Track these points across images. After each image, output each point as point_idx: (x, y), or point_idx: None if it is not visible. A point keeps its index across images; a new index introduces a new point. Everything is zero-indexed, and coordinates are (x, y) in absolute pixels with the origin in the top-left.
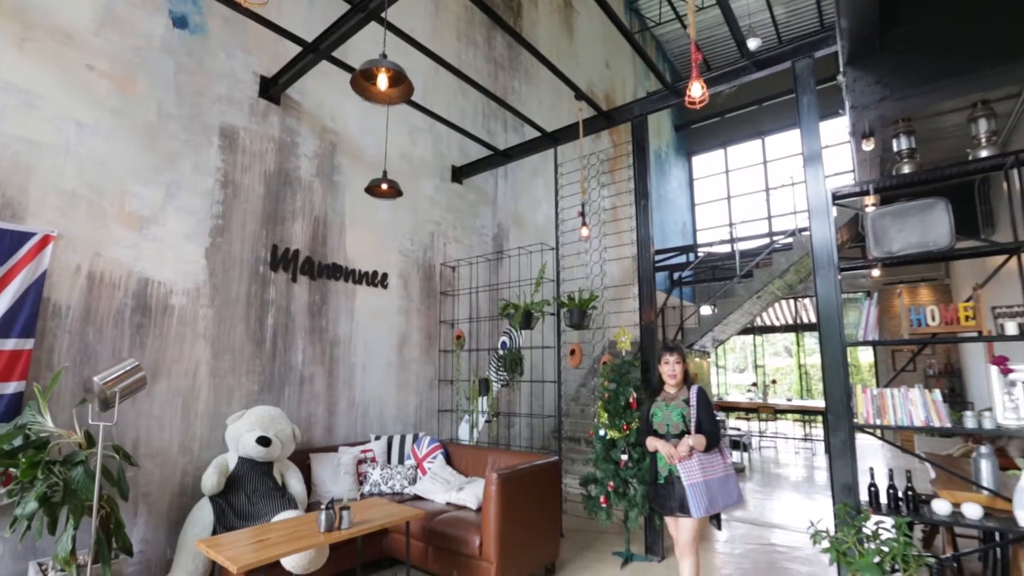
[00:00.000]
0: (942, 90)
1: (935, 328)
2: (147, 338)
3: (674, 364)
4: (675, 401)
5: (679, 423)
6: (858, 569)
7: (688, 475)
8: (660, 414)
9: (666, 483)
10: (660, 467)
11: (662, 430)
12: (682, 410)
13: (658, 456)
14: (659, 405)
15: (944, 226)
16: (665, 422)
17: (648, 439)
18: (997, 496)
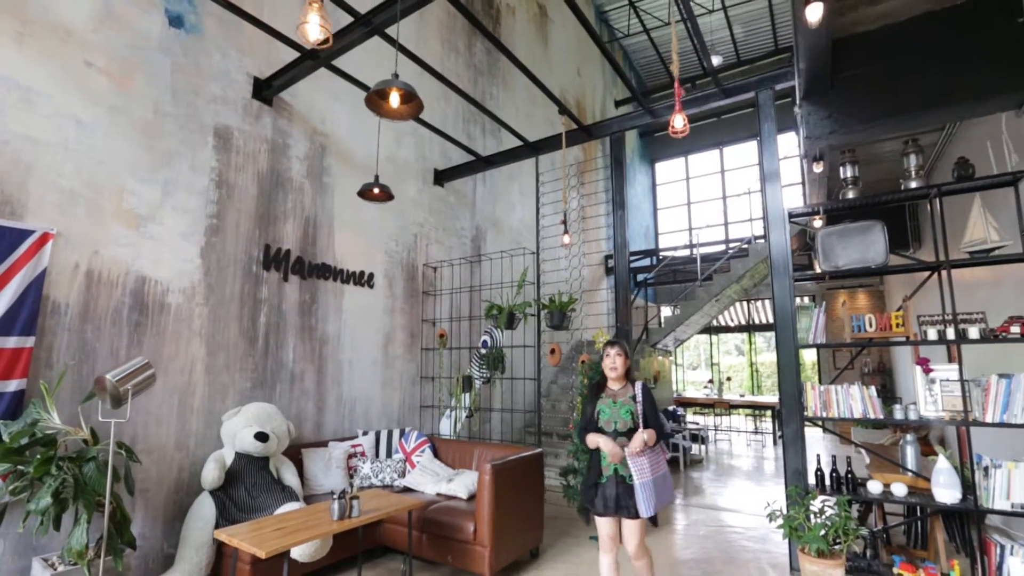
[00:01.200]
0: (879, 128)
1: (872, 333)
2: (144, 336)
3: (615, 357)
4: (622, 398)
5: (628, 420)
6: (807, 541)
7: (639, 473)
8: (608, 411)
9: (608, 483)
10: (603, 466)
11: (609, 428)
12: (630, 407)
13: (602, 456)
14: (605, 403)
15: (880, 245)
16: (613, 420)
17: (590, 436)
18: (919, 477)
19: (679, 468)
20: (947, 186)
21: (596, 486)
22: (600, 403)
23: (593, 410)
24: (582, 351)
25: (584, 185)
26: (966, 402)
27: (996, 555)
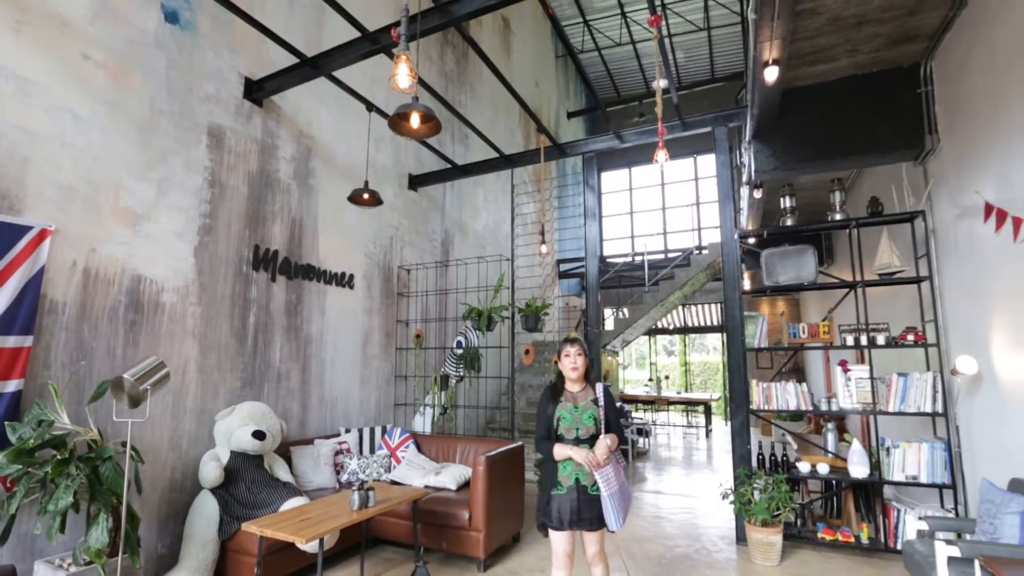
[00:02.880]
0: (812, 168)
1: (804, 339)
2: (140, 335)
3: (575, 356)
4: (583, 402)
5: (591, 426)
6: (754, 514)
7: (606, 484)
8: (569, 417)
9: (568, 493)
10: (563, 476)
11: (570, 435)
12: (593, 412)
13: (562, 465)
14: (565, 407)
15: (811, 266)
16: (575, 426)
17: (556, 447)
18: (838, 458)
19: (629, 459)
20: (863, 220)
21: (554, 498)
22: (560, 408)
23: (552, 416)
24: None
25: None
26: (875, 395)
27: (894, 517)
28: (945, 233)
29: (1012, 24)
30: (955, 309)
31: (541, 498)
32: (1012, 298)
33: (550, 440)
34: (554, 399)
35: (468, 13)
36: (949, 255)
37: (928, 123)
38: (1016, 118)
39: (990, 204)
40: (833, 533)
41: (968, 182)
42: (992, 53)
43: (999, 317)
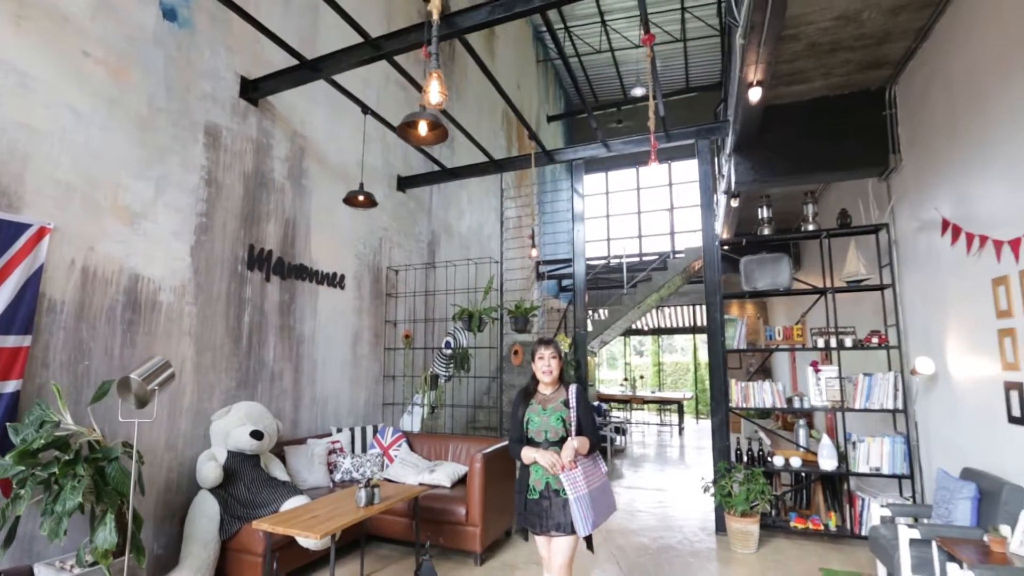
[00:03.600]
0: (787, 181)
1: (780, 341)
2: (137, 335)
3: (549, 359)
4: (552, 404)
5: (559, 428)
6: (734, 505)
7: (573, 487)
8: (537, 420)
9: (541, 497)
10: (535, 479)
11: (539, 438)
12: (561, 413)
13: (534, 468)
14: (534, 410)
15: (786, 273)
16: (543, 429)
17: (524, 450)
18: (808, 452)
19: (607, 457)
20: (833, 231)
21: (530, 502)
22: (529, 411)
23: (522, 419)
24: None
25: (520, 196)
26: (843, 393)
27: (859, 505)
28: (906, 244)
29: (968, 58)
30: (914, 314)
31: (518, 502)
32: (964, 305)
33: (521, 443)
34: (525, 401)
35: (472, 26)
36: (909, 265)
37: (892, 143)
38: (970, 143)
39: (947, 220)
40: (804, 522)
41: (927, 198)
42: (950, 83)
43: (953, 322)
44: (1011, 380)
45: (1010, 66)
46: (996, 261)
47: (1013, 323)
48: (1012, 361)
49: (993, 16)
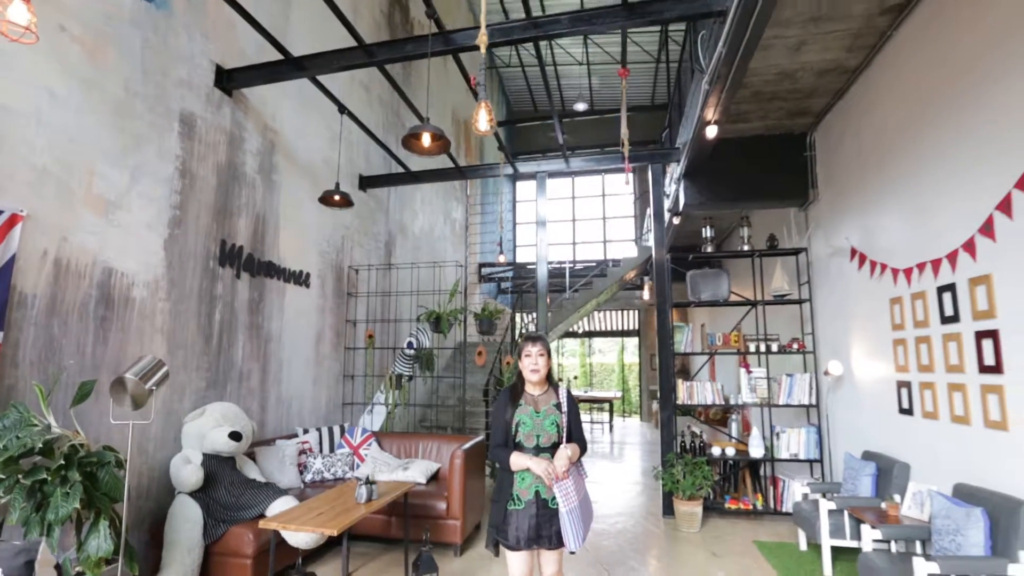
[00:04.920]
0: (727, 206)
1: (720, 346)
2: (110, 332)
3: (536, 356)
4: (546, 406)
5: (552, 433)
6: (683, 489)
7: (565, 499)
8: (529, 423)
9: (527, 508)
10: (522, 488)
11: (529, 443)
12: (555, 417)
13: (520, 476)
14: (525, 412)
15: (725, 286)
16: (535, 433)
17: (514, 456)
18: (740, 442)
19: None
20: (764, 252)
21: (509, 513)
22: (519, 412)
23: (511, 422)
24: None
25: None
26: (770, 391)
27: (781, 486)
28: (820, 266)
29: (875, 118)
30: (826, 325)
31: (495, 513)
32: (867, 319)
33: (507, 448)
34: (513, 402)
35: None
36: (823, 283)
37: (811, 179)
38: (874, 187)
39: (855, 248)
40: (736, 503)
41: (839, 229)
42: (860, 136)
43: (857, 332)
44: (901, 379)
45: (907, 131)
46: (893, 285)
47: (904, 334)
48: (903, 364)
49: (896, 88)
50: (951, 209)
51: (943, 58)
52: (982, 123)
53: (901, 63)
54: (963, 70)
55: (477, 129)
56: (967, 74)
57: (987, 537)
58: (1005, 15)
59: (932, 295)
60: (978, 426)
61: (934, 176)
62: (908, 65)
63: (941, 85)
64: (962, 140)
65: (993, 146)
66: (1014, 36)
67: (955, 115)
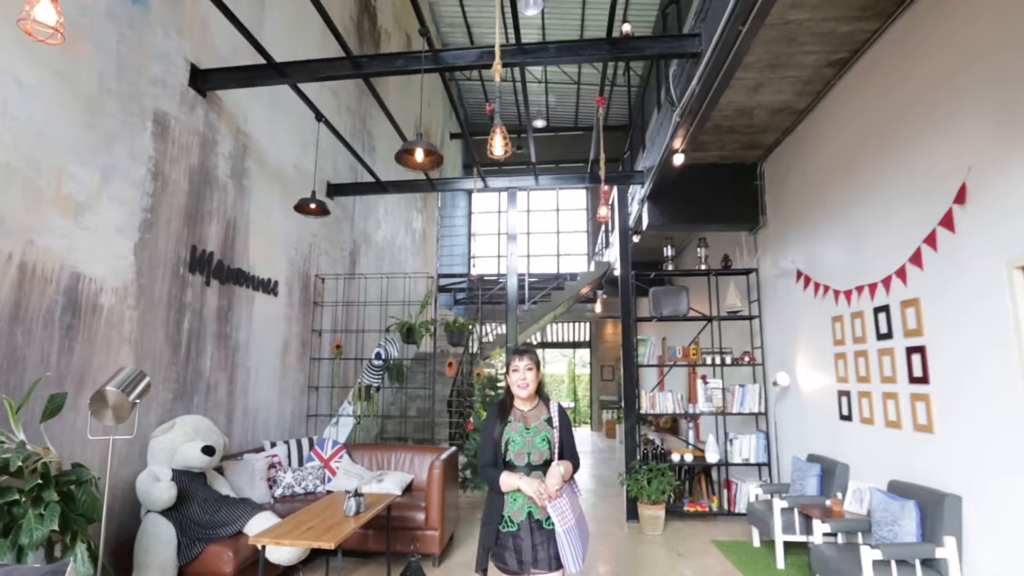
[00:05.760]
0: (686, 228)
1: (680, 358)
2: (76, 341)
3: (524, 371)
4: (537, 422)
5: (544, 450)
6: (648, 495)
7: (561, 518)
8: (519, 440)
9: (521, 530)
10: (514, 510)
11: (520, 461)
12: (547, 433)
13: (511, 497)
14: (515, 428)
15: (685, 303)
16: (526, 450)
17: (504, 476)
18: (697, 449)
19: None
20: (719, 271)
21: (503, 536)
22: (508, 429)
23: (500, 439)
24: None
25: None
26: (724, 401)
27: (735, 489)
28: (768, 285)
29: (818, 154)
30: (773, 339)
31: (487, 536)
32: (810, 334)
33: (497, 467)
34: (502, 419)
35: (462, 66)
36: (771, 301)
37: (760, 206)
38: (816, 217)
39: (800, 271)
40: (694, 506)
41: (785, 252)
42: (805, 170)
43: (802, 346)
44: (842, 389)
45: (847, 169)
46: (835, 304)
47: (844, 349)
48: (843, 375)
49: (837, 130)
50: (885, 240)
51: (878, 107)
52: (911, 167)
53: (842, 108)
54: (894, 120)
55: (492, 153)
56: (898, 124)
57: (918, 526)
58: (921, 80)
59: (869, 315)
60: (908, 430)
61: (870, 210)
62: (848, 111)
63: (876, 131)
64: (894, 181)
65: (920, 188)
66: (929, 99)
67: (888, 158)
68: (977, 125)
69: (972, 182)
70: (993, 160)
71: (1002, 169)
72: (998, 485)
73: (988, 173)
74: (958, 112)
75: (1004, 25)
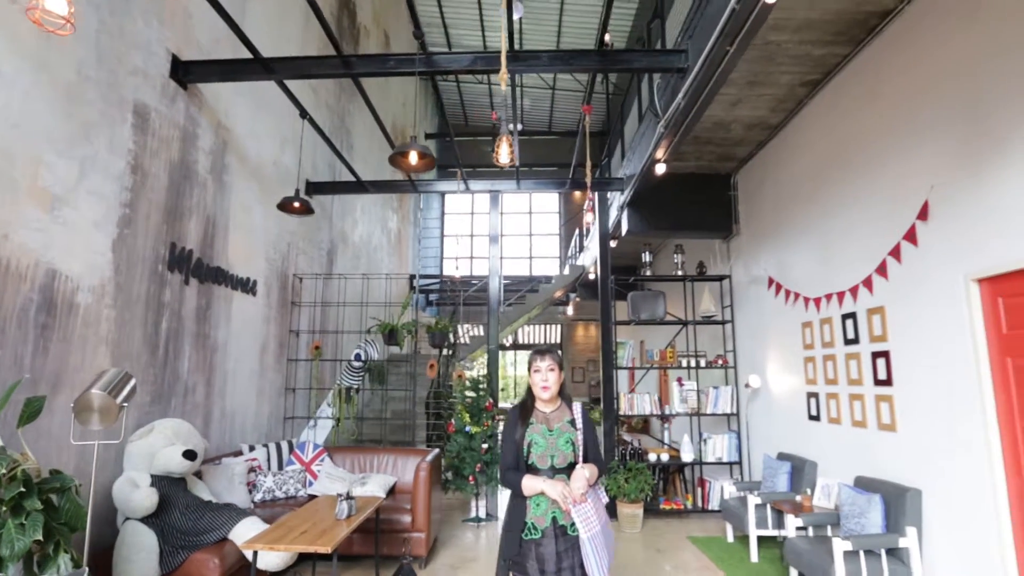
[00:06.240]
0: (664, 234)
1: (657, 361)
2: (51, 341)
3: (547, 371)
4: (560, 423)
5: (568, 453)
6: (627, 494)
7: (586, 524)
8: (543, 443)
9: (544, 537)
10: (537, 515)
11: (543, 464)
12: (570, 435)
13: (535, 502)
14: (537, 430)
15: (662, 307)
16: (549, 453)
17: (526, 479)
18: (673, 448)
19: None
20: (694, 277)
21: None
22: (530, 431)
23: (522, 441)
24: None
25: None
26: (699, 402)
27: (708, 487)
28: (740, 291)
29: (790, 168)
30: (745, 343)
31: (508, 544)
32: (780, 338)
33: (519, 471)
34: (523, 421)
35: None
36: (743, 307)
37: (734, 215)
38: (787, 227)
39: (771, 278)
40: (670, 503)
41: (757, 260)
42: (777, 182)
43: (773, 350)
44: (810, 391)
45: (817, 183)
46: (805, 311)
47: (813, 353)
48: (812, 378)
49: (808, 146)
50: (853, 251)
51: (847, 127)
52: (877, 184)
53: (813, 126)
54: (862, 139)
55: (498, 161)
56: (865, 143)
57: (883, 518)
58: (887, 103)
59: (837, 321)
60: (873, 428)
61: (839, 223)
62: (818, 128)
63: (845, 149)
64: (861, 196)
65: (886, 203)
66: (894, 121)
67: (856, 175)
68: (939, 146)
69: (934, 200)
70: (954, 180)
71: (962, 188)
72: (953, 479)
73: (949, 192)
74: (921, 134)
75: (965, 56)
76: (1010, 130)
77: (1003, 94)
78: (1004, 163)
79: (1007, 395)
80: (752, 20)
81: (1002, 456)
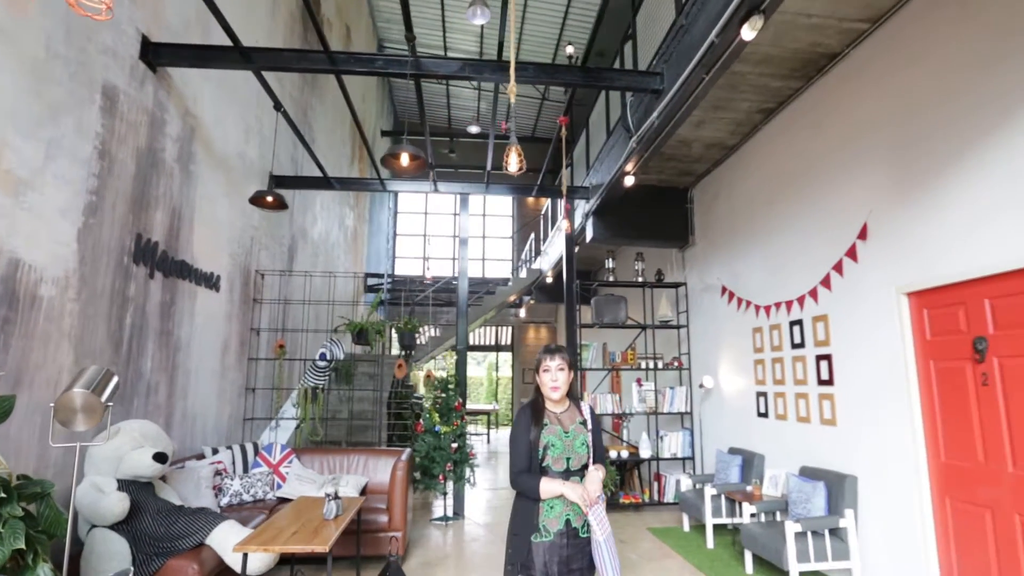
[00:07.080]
0: (627, 243)
1: (619, 363)
2: (12, 337)
3: (556, 371)
4: (573, 425)
5: (583, 454)
6: None
7: (601, 525)
8: (559, 444)
9: (557, 539)
10: (551, 518)
11: (559, 466)
12: (584, 437)
13: (548, 504)
14: (553, 432)
15: (623, 311)
16: (565, 455)
17: (544, 482)
18: (631, 445)
19: None
20: (653, 284)
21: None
22: (546, 433)
23: (536, 443)
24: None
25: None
26: (656, 401)
27: (664, 482)
28: (695, 298)
29: (743, 186)
30: (699, 346)
31: (517, 548)
32: (732, 342)
33: (534, 473)
34: (536, 422)
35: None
36: (697, 312)
37: (689, 227)
38: (739, 240)
39: (724, 286)
40: (629, 498)
41: (711, 269)
42: (731, 198)
43: (723, 353)
44: (759, 391)
45: (768, 201)
46: (755, 317)
47: (762, 356)
48: (761, 379)
49: (761, 167)
50: (800, 265)
51: (796, 152)
52: (822, 205)
53: (766, 149)
54: (809, 164)
55: (507, 169)
56: (812, 168)
57: (826, 502)
58: (833, 134)
59: (785, 327)
60: (816, 424)
61: (788, 238)
62: (770, 152)
63: (794, 172)
64: (808, 216)
65: (830, 223)
66: (838, 150)
67: (804, 196)
68: (876, 176)
69: (872, 222)
70: (889, 205)
71: (896, 214)
72: (884, 466)
73: (885, 216)
74: (862, 163)
75: (901, 100)
76: (933, 166)
77: (929, 136)
78: (927, 195)
79: (929, 393)
80: (727, 54)
81: (924, 445)
